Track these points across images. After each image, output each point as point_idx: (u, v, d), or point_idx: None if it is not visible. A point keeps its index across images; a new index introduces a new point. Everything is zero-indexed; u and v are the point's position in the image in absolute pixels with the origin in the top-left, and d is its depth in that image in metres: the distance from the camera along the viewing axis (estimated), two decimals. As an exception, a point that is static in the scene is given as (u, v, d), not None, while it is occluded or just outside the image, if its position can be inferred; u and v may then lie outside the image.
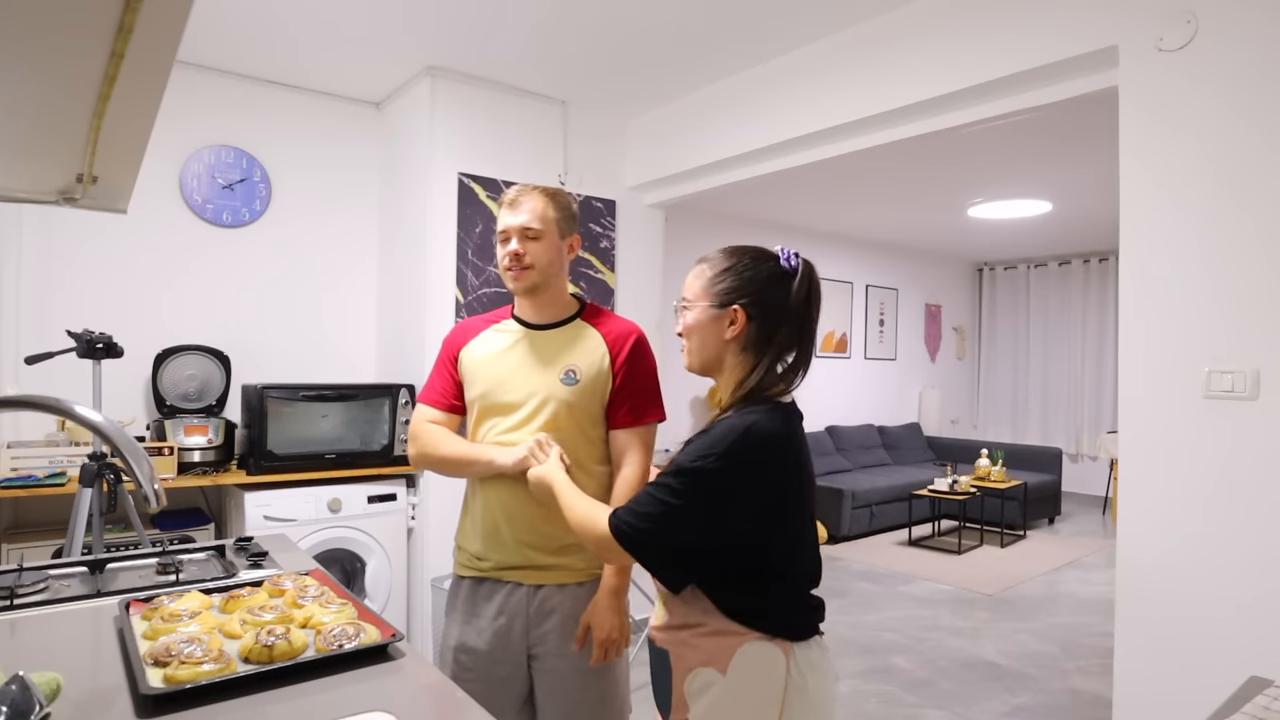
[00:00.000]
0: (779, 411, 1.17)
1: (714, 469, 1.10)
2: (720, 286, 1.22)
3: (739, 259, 1.23)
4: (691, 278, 1.26)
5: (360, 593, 3.06)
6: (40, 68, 0.74)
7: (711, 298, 1.22)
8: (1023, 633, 3.82)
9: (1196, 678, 1.82)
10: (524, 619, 1.55)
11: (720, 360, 1.23)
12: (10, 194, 1.23)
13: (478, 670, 1.55)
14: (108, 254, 3.03)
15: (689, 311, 1.24)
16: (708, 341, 1.23)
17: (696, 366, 1.26)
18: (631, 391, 1.58)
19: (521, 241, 1.55)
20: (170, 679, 0.97)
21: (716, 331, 1.21)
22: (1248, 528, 1.76)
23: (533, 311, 1.62)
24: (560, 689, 1.55)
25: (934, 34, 2.48)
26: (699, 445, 1.13)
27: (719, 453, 1.10)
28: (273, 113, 3.40)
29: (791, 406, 1.21)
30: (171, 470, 2.75)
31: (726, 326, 1.20)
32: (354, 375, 3.61)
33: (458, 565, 1.65)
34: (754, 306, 1.20)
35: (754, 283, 1.21)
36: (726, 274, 1.22)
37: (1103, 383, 7.47)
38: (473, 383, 1.61)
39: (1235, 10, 1.80)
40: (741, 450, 1.10)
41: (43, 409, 1.00)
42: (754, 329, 1.20)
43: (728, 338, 1.21)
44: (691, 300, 1.25)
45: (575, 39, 2.89)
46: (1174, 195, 1.90)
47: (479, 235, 3.30)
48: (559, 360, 1.57)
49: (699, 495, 1.10)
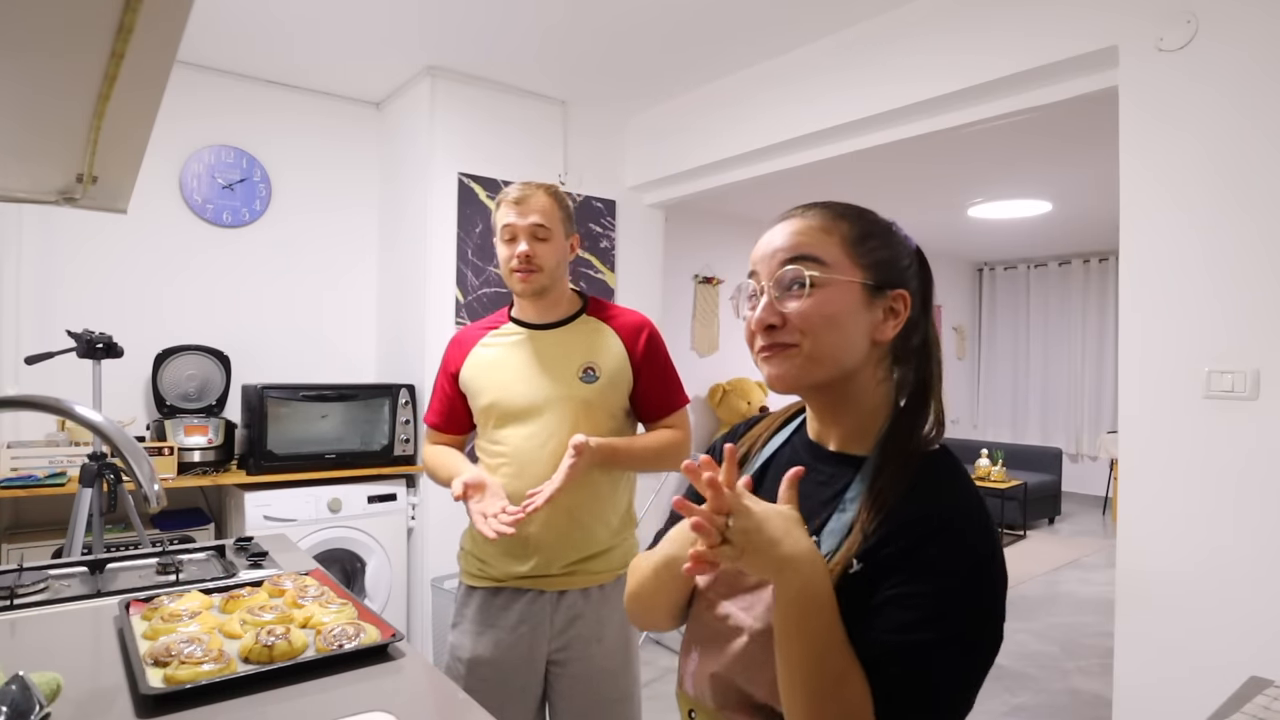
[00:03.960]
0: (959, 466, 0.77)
1: (989, 603, 0.70)
2: (879, 256, 0.77)
3: (880, 224, 0.80)
4: (807, 232, 0.76)
5: (360, 593, 3.06)
6: (40, 68, 0.74)
7: (865, 270, 0.75)
8: (1023, 633, 3.82)
9: (1196, 677, 1.82)
10: (548, 626, 1.51)
11: (856, 374, 0.77)
12: (10, 194, 1.23)
13: (494, 681, 1.50)
14: (108, 253, 3.03)
15: (821, 289, 0.74)
16: (851, 340, 0.75)
17: (816, 379, 0.76)
18: (657, 384, 1.57)
19: (530, 242, 1.49)
20: (170, 679, 0.97)
21: (867, 325, 0.75)
22: (1248, 528, 1.76)
23: (536, 312, 1.58)
24: (581, 692, 1.52)
25: (934, 33, 2.48)
26: (940, 556, 0.69)
27: (985, 555, 0.70)
28: (273, 113, 3.40)
29: None
30: (171, 470, 2.75)
31: (882, 320, 0.76)
32: (354, 375, 3.60)
33: (466, 575, 1.59)
34: (919, 298, 0.79)
35: (910, 260, 0.80)
36: (879, 240, 0.78)
37: (1103, 383, 7.46)
38: (479, 394, 1.56)
39: (1235, 10, 1.80)
40: (996, 541, 0.72)
41: (43, 409, 1.00)
42: (901, 334, 0.78)
43: (883, 338, 0.77)
44: (831, 265, 0.74)
45: (575, 38, 2.89)
46: (1174, 195, 1.90)
47: (479, 235, 3.29)
48: (572, 359, 1.52)
49: (985, 627, 0.70)
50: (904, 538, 0.70)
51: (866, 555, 0.71)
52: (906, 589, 0.68)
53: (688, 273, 5.72)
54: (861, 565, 0.71)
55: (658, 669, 3.26)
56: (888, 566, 0.70)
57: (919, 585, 0.68)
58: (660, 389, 1.58)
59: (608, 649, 1.53)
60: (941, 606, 0.68)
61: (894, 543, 0.70)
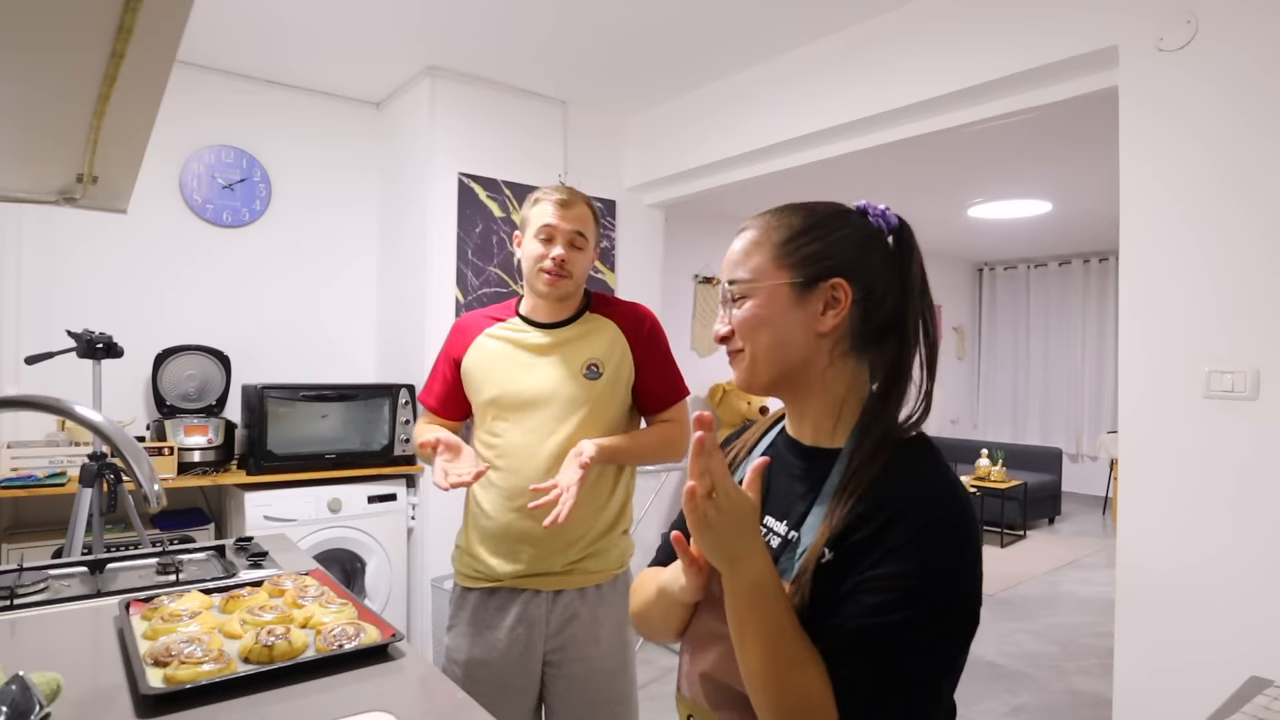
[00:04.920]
0: (935, 450, 0.78)
1: (966, 584, 0.71)
2: (805, 252, 0.79)
3: (818, 215, 0.82)
4: (739, 253, 0.82)
5: (360, 593, 3.06)
6: (40, 68, 0.74)
7: (790, 270, 0.79)
8: (1023, 633, 3.81)
9: (1196, 677, 1.82)
10: (544, 626, 1.51)
11: (802, 369, 0.80)
12: (10, 194, 1.23)
13: (492, 683, 1.50)
14: (108, 254, 3.03)
15: (750, 299, 0.80)
16: (789, 338, 0.79)
17: (764, 379, 0.81)
18: (658, 375, 1.58)
19: (568, 249, 1.49)
20: (170, 679, 0.97)
21: (802, 322, 0.78)
22: (1248, 527, 1.76)
23: (547, 312, 1.58)
24: (578, 693, 1.52)
25: (935, 33, 2.48)
26: (913, 553, 0.69)
27: (954, 536, 0.71)
28: (273, 113, 3.40)
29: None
30: (171, 470, 2.75)
31: (820, 313, 0.78)
32: (354, 375, 3.60)
33: (461, 576, 1.59)
34: (859, 282, 0.79)
35: (853, 246, 0.80)
36: (809, 235, 0.80)
37: (1103, 383, 7.46)
38: (481, 386, 1.56)
39: (1235, 10, 1.80)
40: (973, 525, 0.73)
41: (43, 409, 1.00)
42: (858, 317, 0.79)
43: (824, 329, 0.78)
44: (753, 280, 0.80)
45: (575, 38, 2.89)
46: (1174, 195, 1.90)
47: (479, 235, 3.30)
48: (577, 356, 1.53)
49: (953, 615, 0.71)
50: (871, 522, 0.71)
51: (836, 543, 0.72)
52: (873, 572, 0.69)
53: (687, 273, 5.72)
54: (832, 554, 0.72)
55: (657, 669, 3.26)
56: (856, 553, 0.71)
57: (886, 568, 0.69)
58: (662, 380, 1.59)
59: (604, 650, 1.53)
60: (908, 588, 0.68)
61: (861, 528, 0.71)
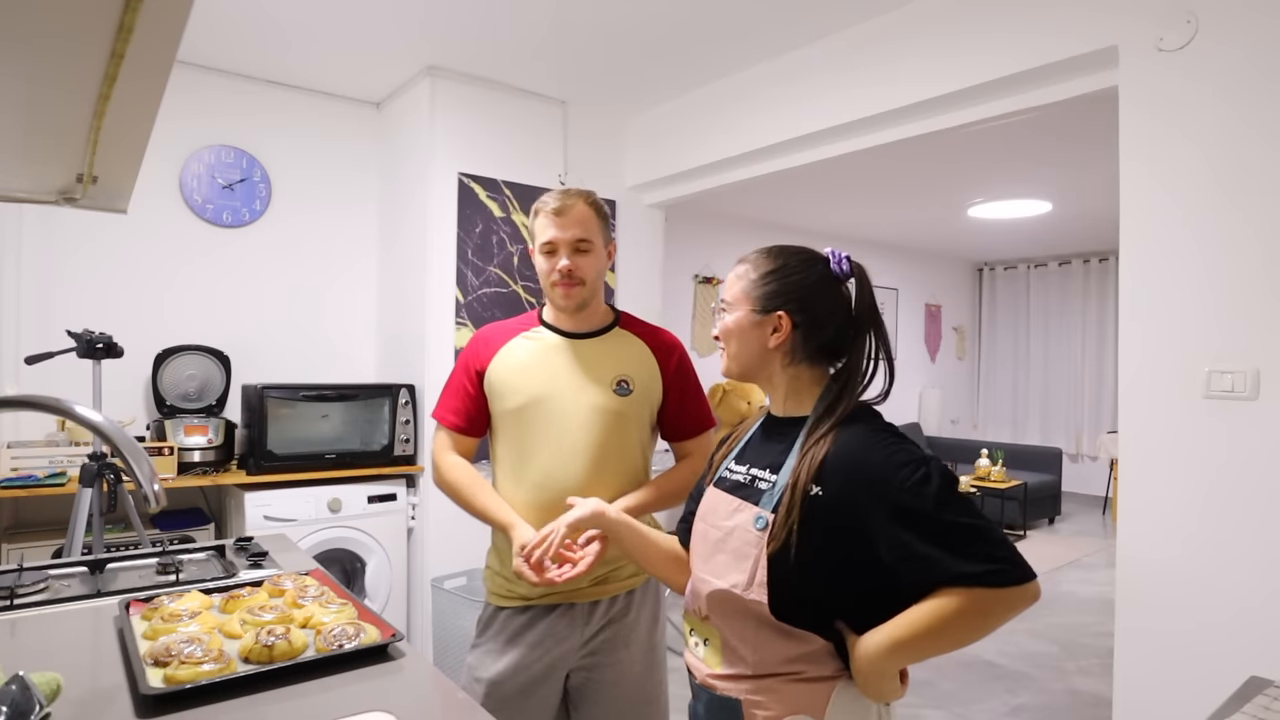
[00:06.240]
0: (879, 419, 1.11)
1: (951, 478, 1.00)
2: (764, 290, 1.13)
3: (784, 260, 1.15)
4: (732, 279, 1.18)
5: (360, 593, 3.06)
6: (40, 68, 0.74)
7: (753, 302, 1.14)
8: (1022, 633, 3.82)
9: (1197, 677, 1.82)
10: (578, 638, 1.49)
11: (763, 368, 1.17)
12: (10, 194, 1.23)
13: (514, 699, 1.46)
14: (108, 254, 3.03)
15: (728, 315, 1.16)
16: (748, 348, 1.15)
17: (735, 372, 1.20)
18: (688, 404, 1.58)
19: (572, 256, 1.46)
20: (170, 679, 0.97)
21: (758, 338, 1.14)
22: (1248, 527, 1.76)
23: (572, 322, 1.54)
24: (609, 696, 1.51)
25: (934, 33, 2.48)
26: (897, 467, 0.99)
27: (927, 461, 1.01)
28: (273, 113, 3.40)
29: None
30: (171, 470, 2.75)
31: (770, 334, 1.13)
32: (354, 375, 3.60)
33: (493, 595, 1.55)
34: (800, 314, 1.12)
35: (801, 287, 1.12)
36: (771, 277, 1.14)
37: (1103, 383, 7.46)
38: (506, 395, 1.51)
39: (1235, 10, 1.80)
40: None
41: (43, 409, 1.00)
42: (800, 337, 1.12)
43: (771, 345, 1.13)
44: (731, 303, 1.16)
45: (575, 38, 2.89)
46: (1174, 195, 1.90)
47: (479, 235, 3.30)
48: (607, 370, 1.50)
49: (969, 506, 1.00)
50: (834, 474, 1.02)
51: (819, 479, 1.03)
52: (889, 547, 0.98)
53: (688, 273, 5.72)
54: (819, 489, 1.02)
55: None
56: (831, 489, 1.02)
57: (887, 530, 0.98)
58: (691, 409, 1.59)
59: (635, 654, 1.52)
60: (913, 508, 0.97)
61: (829, 477, 1.02)
